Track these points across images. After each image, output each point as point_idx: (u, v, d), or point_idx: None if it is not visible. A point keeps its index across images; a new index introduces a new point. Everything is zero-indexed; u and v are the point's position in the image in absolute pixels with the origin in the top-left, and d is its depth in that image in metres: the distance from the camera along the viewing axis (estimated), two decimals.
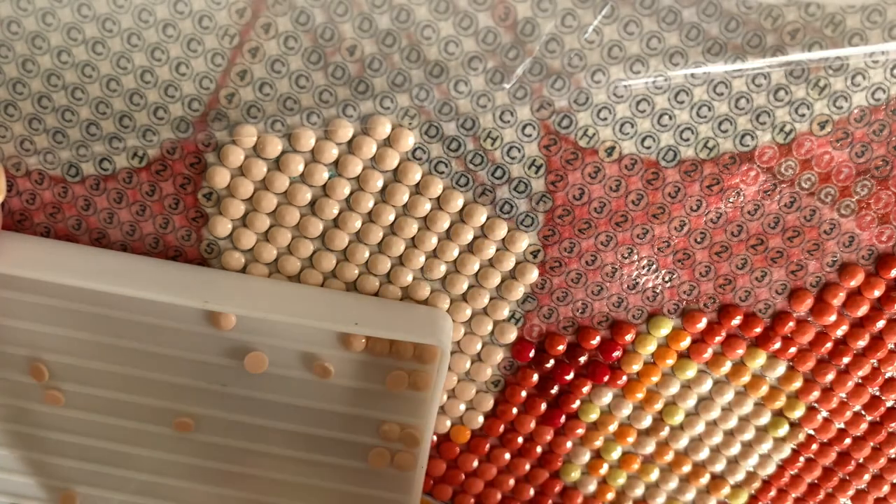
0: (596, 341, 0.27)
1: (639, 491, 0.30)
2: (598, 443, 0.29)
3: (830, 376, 0.28)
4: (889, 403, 0.28)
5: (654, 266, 0.26)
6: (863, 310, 0.27)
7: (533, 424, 0.29)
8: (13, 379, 0.27)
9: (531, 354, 0.28)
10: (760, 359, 0.27)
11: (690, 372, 0.28)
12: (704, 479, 0.30)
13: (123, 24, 0.23)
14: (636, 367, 0.28)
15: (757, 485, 0.30)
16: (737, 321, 0.27)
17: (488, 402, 0.28)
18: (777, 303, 0.27)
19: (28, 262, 0.24)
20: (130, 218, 0.26)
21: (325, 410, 0.27)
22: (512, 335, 0.27)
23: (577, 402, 0.28)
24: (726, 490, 0.30)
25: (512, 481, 0.30)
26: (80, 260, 0.25)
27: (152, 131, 0.24)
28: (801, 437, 0.29)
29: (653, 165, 0.25)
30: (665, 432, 0.29)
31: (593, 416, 0.29)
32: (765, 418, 0.29)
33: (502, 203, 0.25)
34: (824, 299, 0.27)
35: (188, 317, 0.26)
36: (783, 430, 0.29)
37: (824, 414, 0.28)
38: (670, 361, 0.28)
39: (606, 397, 0.28)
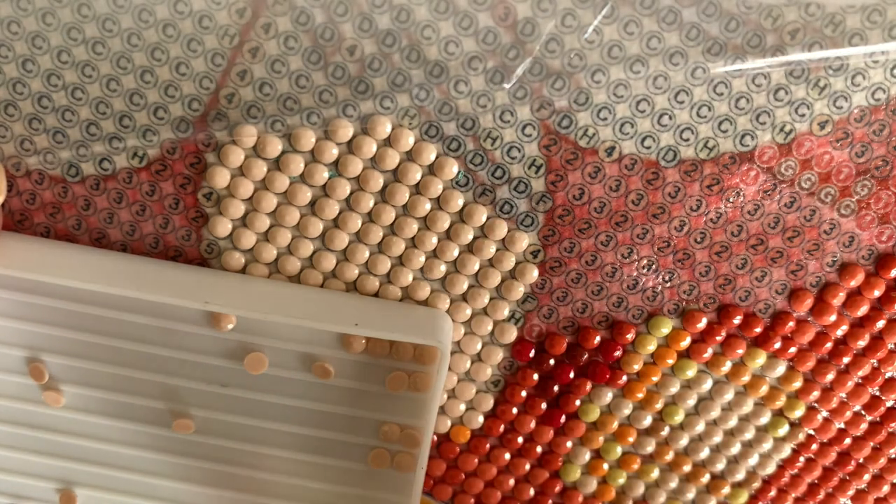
0: (596, 341, 0.27)
1: (639, 491, 0.30)
2: (598, 443, 0.29)
3: (830, 376, 0.28)
4: (889, 403, 0.28)
5: (654, 266, 0.26)
6: (863, 310, 0.27)
7: (533, 424, 0.29)
8: (13, 379, 0.27)
9: (531, 354, 0.28)
10: (760, 359, 0.27)
11: (690, 372, 0.28)
12: (704, 479, 0.30)
13: (123, 24, 0.23)
14: (636, 368, 0.28)
15: (757, 485, 0.30)
16: (737, 321, 0.27)
17: (488, 402, 0.28)
18: (777, 303, 0.27)
19: (28, 263, 0.24)
20: (130, 218, 0.26)
21: (324, 411, 0.27)
22: (512, 335, 0.27)
23: (577, 402, 0.28)
24: (726, 490, 0.30)
25: (512, 481, 0.30)
26: (80, 260, 0.25)
27: (152, 131, 0.24)
28: (801, 437, 0.29)
29: (653, 165, 0.25)
30: (665, 432, 0.29)
31: (593, 416, 0.29)
32: (765, 418, 0.28)
33: (502, 203, 0.25)
34: (824, 299, 0.27)
35: (188, 317, 0.26)
36: (783, 430, 0.29)
37: (824, 414, 0.28)
38: (670, 361, 0.27)
39: (606, 397, 0.28)
